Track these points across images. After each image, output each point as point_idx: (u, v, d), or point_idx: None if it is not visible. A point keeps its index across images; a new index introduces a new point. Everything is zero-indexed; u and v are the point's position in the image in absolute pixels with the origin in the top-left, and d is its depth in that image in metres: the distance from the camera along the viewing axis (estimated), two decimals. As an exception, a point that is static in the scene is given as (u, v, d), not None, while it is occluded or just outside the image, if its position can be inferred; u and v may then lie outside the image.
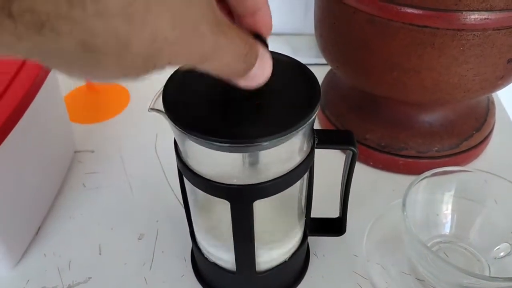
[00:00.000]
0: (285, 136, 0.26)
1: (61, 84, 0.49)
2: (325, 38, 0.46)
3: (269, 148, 0.27)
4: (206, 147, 0.26)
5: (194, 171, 0.29)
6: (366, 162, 0.49)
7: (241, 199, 0.29)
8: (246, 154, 0.29)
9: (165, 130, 0.32)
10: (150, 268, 0.41)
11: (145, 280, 0.40)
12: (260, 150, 0.27)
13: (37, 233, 0.44)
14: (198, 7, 0.17)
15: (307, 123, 0.27)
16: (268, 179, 0.28)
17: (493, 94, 0.57)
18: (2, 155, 0.36)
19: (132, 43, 0.15)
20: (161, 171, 0.50)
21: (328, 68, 0.58)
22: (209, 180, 0.28)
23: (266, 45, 0.25)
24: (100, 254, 0.42)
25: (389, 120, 0.47)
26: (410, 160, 0.47)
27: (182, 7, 0.16)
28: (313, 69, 0.30)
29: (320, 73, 0.58)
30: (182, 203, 0.36)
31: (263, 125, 0.26)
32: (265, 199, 0.30)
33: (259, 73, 0.23)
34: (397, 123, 0.47)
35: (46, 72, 0.42)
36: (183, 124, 0.26)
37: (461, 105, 0.46)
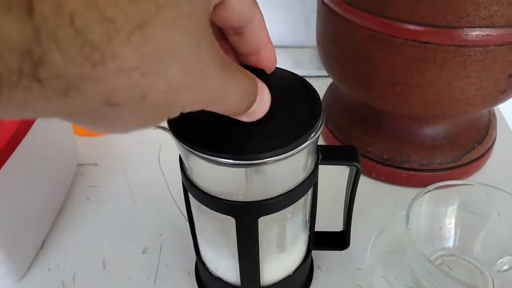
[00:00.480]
0: (289, 153, 0.26)
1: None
2: (327, 52, 0.46)
3: (273, 164, 0.27)
4: (210, 164, 0.26)
5: (199, 187, 0.29)
6: (368, 174, 0.49)
7: (246, 215, 0.29)
8: (251, 170, 0.29)
9: (168, 144, 0.32)
10: (154, 282, 0.41)
11: (150, 294, 0.40)
12: (264, 166, 0.27)
13: (41, 247, 0.44)
14: (206, 52, 0.18)
15: (312, 140, 0.27)
16: (273, 196, 0.28)
17: (494, 107, 0.57)
18: (7, 170, 0.36)
19: (149, 95, 0.16)
20: (165, 185, 0.50)
21: (330, 80, 0.58)
22: (214, 197, 0.28)
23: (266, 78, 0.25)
24: (104, 268, 0.42)
25: (391, 133, 0.47)
26: (412, 172, 0.47)
27: (192, 54, 0.17)
28: (315, 81, 0.31)
29: (322, 86, 0.58)
30: (186, 217, 0.36)
31: (267, 142, 0.26)
32: (270, 215, 0.30)
33: (259, 108, 0.24)
34: (399, 136, 0.47)
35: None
36: (187, 141, 0.26)
37: (463, 119, 0.47)
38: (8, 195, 0.38)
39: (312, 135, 0.27)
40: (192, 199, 0.33)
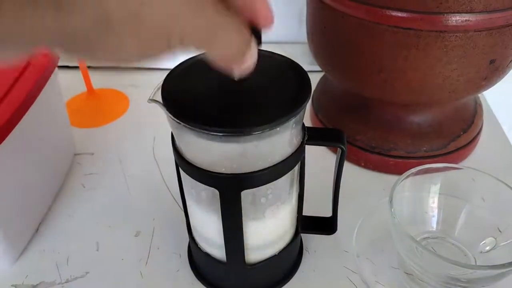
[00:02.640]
0: (274, 124, 0.27)
1: (63, 91, 0.51)
2: (317, 43, 0.47)
3: (258, 138, 0.28)
4: (198, 136, 0.28)
5: (186, 159, 0.30)
6: (357, 163, 0.50)
7: (230, 188, 0.30)
8: (238, 144, 0.30)
9: (163, 134, 0.33)
10: (146, 263, 0.42)
11: (141, 274, 0.41)
12: (250, 140, 0.29)
13: (37, 230, 0.45)
14: None
15: (295, 113, 0.28)
16: (257, 170, 0.30)
17: (482, 99, 0.58)
18: (2, 154, 0.37)
19: (145, 18, 0.17)
20: (159, 173, 0.51)
21: (321, 74, 0.60)
22: (199, 169, 0.30)
23: (260, 38, 0.26)
24: (97, 250, 0.43)
25: (378, 122, 0.49)
26: (399, 160, 0.48)
27: None
28: None
29: (314, 80, 0.59)
30: (179, 203, 0.37)
31: (254, 116, 0.28)
32: (257, 194, 0.32)
33: (250, 59, 0.25)
34: (386, 124, 0.48)
35: (45, 79, 0.43)
36: (176, 112, 0.28)
37: (449, 107, 0.48)
38: (5, 181, 0.39)
39: (296, 109, 0.28)
40: (183, 176, 0.34)
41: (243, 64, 0.24)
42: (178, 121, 0.28)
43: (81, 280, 0.40)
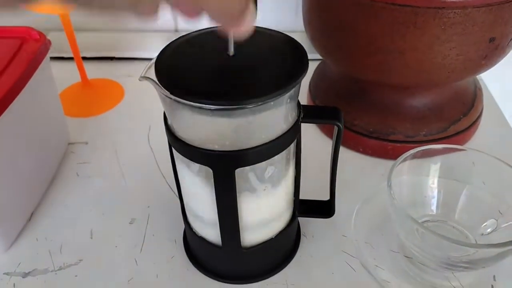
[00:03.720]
0: (266, 98, 0.27)
1: (58, 82, 0.50)
2: (313, 26, 0.46)
3: (251, 113, 0.27)
4: (189, 111, 0.27)
5: (179, 137, 0.30)
6: (355, 148, 0.49)
7: (223, 165, 0.29)
8: (230, 119, 0.29)
9: (158, 123, 0.33)
10: (141, 250, 0.41)
11: (136, 261, 0.40)
12: (242, 115, 0.28)
13: (30, 218, 0.44)
14: None
15: (288, 88, 0.27)
16: (250, 147, 0.29)
17: (482, 84, 0.58)
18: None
19: None
20: (154, 161, 0.50)
21: (318, 63, 0.59)
22: (192, 146, 0.29)
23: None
24: (91, 238, 0.42)
25: (377, 106, 0.48)
26: (398, 144, 0.47)
27: None
28: None
29: (311, 68, 0.59)
30: (174, 191, 0.36)
31: (247, 90, 0.27)
32: (251, 172, 0.31)
33: (248, 18, 0.24)
34: (384, 108, 0.47)
35: (36, 64, 0.43)
36: (168, 86, 0.27)
37: (448, 90, 0.47)
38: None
39: (291, 82, 0.28)
40: (176, 155, 0.33)
41: (242, 23, 0.23)
42: (169, 95, 0.27)
43: (75, 267, 0.40)
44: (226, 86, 0.28)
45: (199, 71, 0.29)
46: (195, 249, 0.39)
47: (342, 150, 0.50)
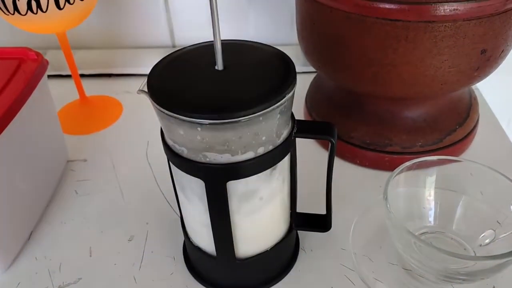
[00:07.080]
0: (252, 112, 0.27)
1: (56, 100, 0.51)
2: (307, 40, 0.47)
3: (241, 127, 0.28)
4: (181, 125, 0.28)
5: (175, 152, 0.30)
6: (352, 160, 0.50)
7: (215, 178, 0.30)
8: (220, 133, 0.29)
9: (156, 139, 0.33)
10: (140, 267, 0.41)
11: (134, 279, 0.40)
12: (232, 129, 0.28)
13: (29, 237, 0.44)
14: None
15: (275, 102, 0.28)
16: (242, 160, 0.29)
17: (477, 93, 0.58)
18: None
19: None
20: (152, 177, 0.51)
21: (314, 75, 0.59)
22: (185, 159, 0.29)
23: None
24: (90, 256, 0.42)
25: (373, 118, 0.48)
26: (395, 156, 0.47)
27: None
28: (300, 77, 0.32)
29: (307, 80, 0.59)
30: (173, 207, 0.37)
31: (234, 105, 0.27)
32: (244, 185, 0.31)
33: None
34: (380, 120, 0.48)
35: (34, 83, 0.43)
36: (160, 101, 0.28)
37: (443, 101, 0.47)
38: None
39: (279, 96, 0.28)
40: (173, 168, 0.34)
41: None
42: (161, 109, 0.28)
43: (74, 286, 0.40)
44: (214, 100, 0.28)
45: (189, 86, 0.29)
46: (192, 259, 0.39)
47: (340, 163, 0.51)
